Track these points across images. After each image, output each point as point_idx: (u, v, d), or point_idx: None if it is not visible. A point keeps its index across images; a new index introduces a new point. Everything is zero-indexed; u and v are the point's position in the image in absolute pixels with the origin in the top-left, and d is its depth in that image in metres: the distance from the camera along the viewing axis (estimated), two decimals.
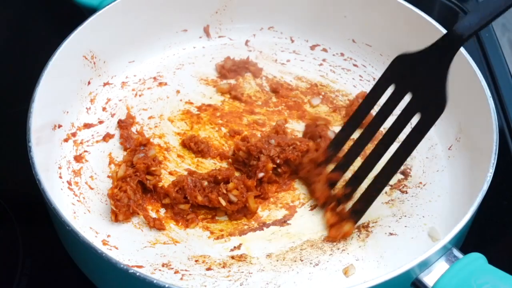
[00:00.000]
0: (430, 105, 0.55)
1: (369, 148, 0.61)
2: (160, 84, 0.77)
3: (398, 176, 0.68)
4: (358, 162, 0.62)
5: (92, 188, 0.66)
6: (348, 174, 0.63)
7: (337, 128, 0.71)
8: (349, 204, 0.62)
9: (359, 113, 0.61)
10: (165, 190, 0.64)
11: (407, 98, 0.58)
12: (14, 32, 0.89)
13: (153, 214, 0.64)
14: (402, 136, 0.58)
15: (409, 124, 0.58)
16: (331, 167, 0.64)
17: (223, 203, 0.62)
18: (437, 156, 0.70)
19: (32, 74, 0.65)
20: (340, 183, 0.63)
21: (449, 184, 0.67)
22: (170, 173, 0.67)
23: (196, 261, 0.60)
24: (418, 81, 0.56)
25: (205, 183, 0.63)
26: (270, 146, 0.65)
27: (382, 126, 0.60)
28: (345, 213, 0.61)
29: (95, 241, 0.61)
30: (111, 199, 0.62)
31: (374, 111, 0.62)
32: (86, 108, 0.73)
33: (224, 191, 0.62)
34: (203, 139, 0.70)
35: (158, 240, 0.62)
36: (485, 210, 0.59)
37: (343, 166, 0.62)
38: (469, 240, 0.61)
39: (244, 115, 0.74)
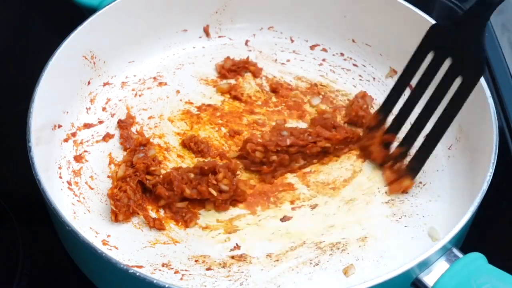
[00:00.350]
0: (470, 68, 0.59)
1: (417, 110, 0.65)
2: (160, 84, 0.77)
3: None
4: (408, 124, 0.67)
5: (92, 188, 0.66)
6: (401, 135, 0.67)
7: None
8: (405, 162, 0.66)
9: (403, 80, 0.66)
10: (157, 193, 0.63)
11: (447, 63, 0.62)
12: (14, 32, 0.89)
13: (153, 214, 0.64)
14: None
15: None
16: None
17: (215, 193, 0.62)
18: (437, 156, 0.70)
19: (32, 74, 0.65)
20: (395, 144, 0.68)
21: (449, 184, 0.67)
22: None
23: (196, 261, 0.60)
24: (456, 47, 0.60)
25: (192, 175, 0.63)
26: (284, 137, 0.66)
27: (427, 89, 0.64)
28: (402, 170, 0.66)
29: (95, 241, 0.61)
30: (111, 199, 0.62)
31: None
32: (86, 108, 0.73)
33: (214, 182, 0.62)
34: (203, 139, 0.70)
35: (158, 240, 0.62)
36: (485, 210, 0.59)
37: (395, 128, 0.67)
38: (469, 240, 0.61)
39: (244, 115, 0.74)
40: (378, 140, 0.68)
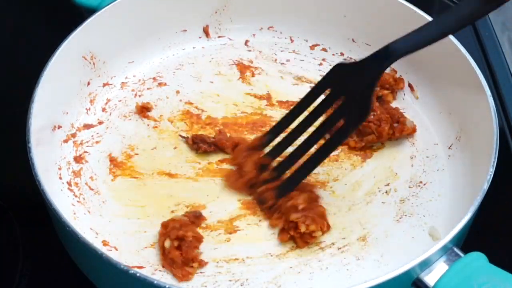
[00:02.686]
0: (355, 112, 0.59)
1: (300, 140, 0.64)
2: (160, 84, 0.77)
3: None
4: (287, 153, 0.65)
5: (92, 189, 0.66)
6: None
7: None
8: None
9: (296, 109, 0.65)
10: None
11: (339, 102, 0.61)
12: (14, 32, 0.89)
13: None
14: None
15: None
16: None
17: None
18: (437, 156, 0.70)
19: (32, 74, 0.65)
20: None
21: (450, 183, 0.67)
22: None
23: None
24: (351, 88, 0.59)
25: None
26: None
27: (314, 123, 0.63)
28: (269, 193, 0.63)
29: (95, 242, 0.60)
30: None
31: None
32: (86, 108, 0.73)
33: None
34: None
35: (159, 241, 0.62)
36: (486, 209, 0.59)
37: (274, 154, 0.65)
38: (469, 240, 0.61)
39: None
40: (254, 160, 0.65)
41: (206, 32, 0.82)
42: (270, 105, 0.75)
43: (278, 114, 0.74)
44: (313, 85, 0.77)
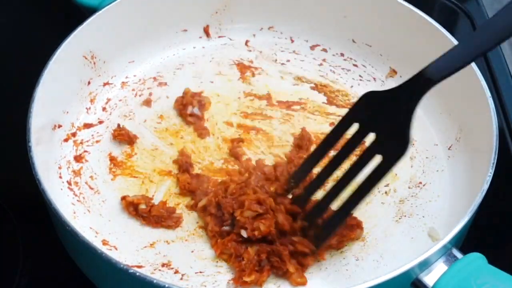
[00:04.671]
0: (392, 148, 0.53)
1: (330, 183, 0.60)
2: (160, 84, 0.77)
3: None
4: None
5: (92, 188, 0.66)
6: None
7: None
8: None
9: (321, 148, 0.60)
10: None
11: (370, 137, 0.56)
12: (14, 32, 0.89)
13: None
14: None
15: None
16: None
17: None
18: (437, 156, 0.70)
19: (32, 74, 0.65)
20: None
21: (449, 184, 0.67)
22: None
23: (196, 261, 0.60)
24: (382, 122, 0.54)
25: None
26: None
27: (343, 163, 0.58)
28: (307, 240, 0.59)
29: (95, 241, 0.61)
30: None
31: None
32: (86, 108, 0.73)
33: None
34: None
35: (158, 240, 0.62)
36: (485, 210, 0.59)
37: (303, 200, 0.60)
38: (469, 240, 0.61)
39: None
40: (284, 209, 0.60)
41: (206, 32, 0.82)
42: (270, 105, 0.75)
43: (278, 114, 0.74)
44: (313, 85, 0.78)
